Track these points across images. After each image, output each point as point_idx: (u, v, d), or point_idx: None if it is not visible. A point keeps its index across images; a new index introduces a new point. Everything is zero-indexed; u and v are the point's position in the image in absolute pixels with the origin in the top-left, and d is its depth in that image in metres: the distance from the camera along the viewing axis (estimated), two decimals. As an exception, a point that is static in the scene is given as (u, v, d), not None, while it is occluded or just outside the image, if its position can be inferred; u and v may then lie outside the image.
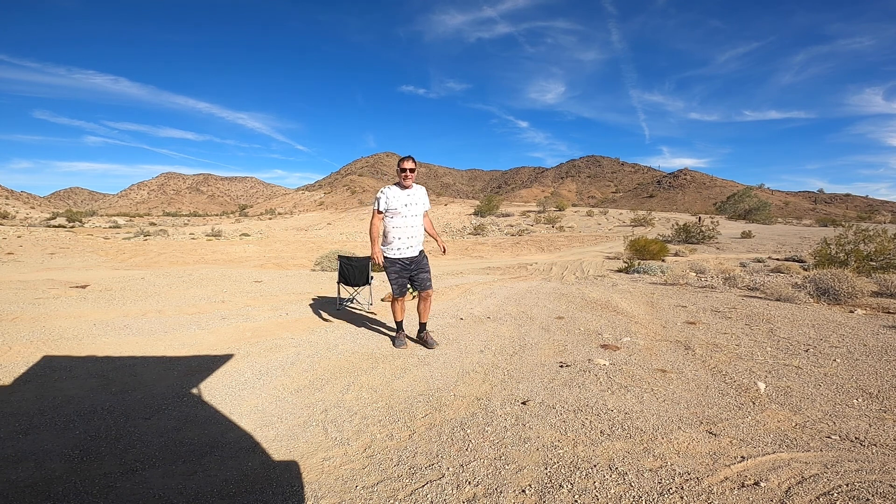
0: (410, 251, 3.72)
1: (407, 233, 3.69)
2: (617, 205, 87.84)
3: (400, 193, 3.68)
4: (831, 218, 50.87)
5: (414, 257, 3.75)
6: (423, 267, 3.79)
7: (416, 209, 3.72)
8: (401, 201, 3.66)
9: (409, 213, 3.67)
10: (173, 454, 2.12)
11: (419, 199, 3.74)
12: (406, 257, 3.72)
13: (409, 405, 2.65)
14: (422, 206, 3.76)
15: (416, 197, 3.72)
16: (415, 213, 3.71)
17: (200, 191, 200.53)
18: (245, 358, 3.57)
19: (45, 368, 3.21)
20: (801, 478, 1.79)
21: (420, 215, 3.76)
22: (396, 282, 3.76)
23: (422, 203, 3.76)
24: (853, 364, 3.22)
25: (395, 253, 3.70)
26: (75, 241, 19.31)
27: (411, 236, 3.70)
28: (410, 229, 3.70)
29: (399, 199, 3.66)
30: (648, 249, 15.16)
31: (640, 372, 3.12)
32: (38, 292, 6.14)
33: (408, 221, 3.68)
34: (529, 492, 1.77)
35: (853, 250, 8.52)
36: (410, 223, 3.70)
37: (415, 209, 3.71)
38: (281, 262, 14.28)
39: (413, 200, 3.70)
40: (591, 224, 35.88)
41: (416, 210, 3.72)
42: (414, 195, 3.71)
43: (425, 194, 3.82)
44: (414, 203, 3.70)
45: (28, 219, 46.02)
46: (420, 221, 3.78)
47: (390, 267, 3.73)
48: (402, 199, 3.67)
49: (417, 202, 3.72)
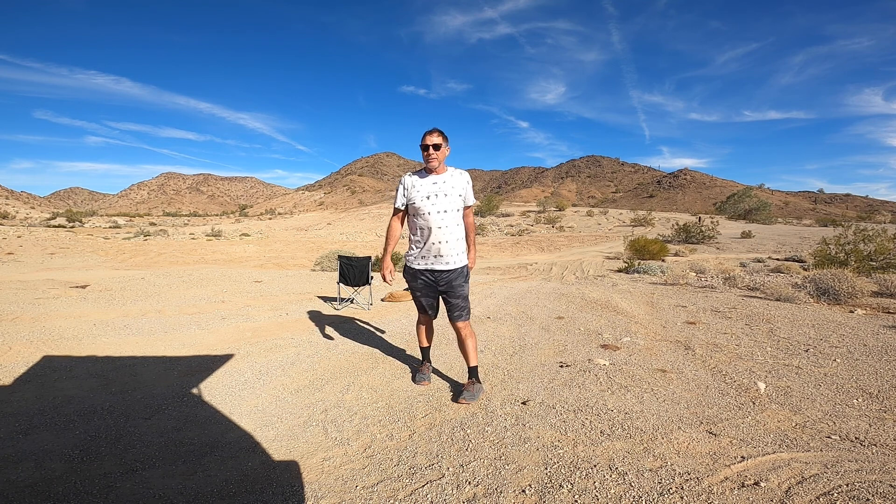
0: (439, 263, 2.69)
1: (431, 237, 2.66)
2: (617, 205, 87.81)
3: (422, 182, 2.70)
4: (831, 218, 50.88)
5: (444, 272, 2.70)
6: (456, 289, 2.71)
7: (446, 203, 2.65)
8: (422, 192, 2.67)
9: (432, 210, 2.64)
10: (173, 454, 2.12)
11: (451, 189, 2.67)
12: (432, 270, 2.72)
13: (409, 405, 2.65)
14: (455, 200, 2.68)
15: (446, 187, 2.66)
16: (443, 208, 2.65)
17: (200, 191, 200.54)
18: (245, 358, 3.57)
19: (45, 368, 3.21)
20: (802, 478, 1.79)
21: (453, 212, 2.67)
22: (418, 301, 2.88)
23: (455, 195, 2.67)
24: (853, 364, 3.22)
25: (417, 263, 2.76)
26: (75, 241, 19.31)
27: (439, 241, 2.65)
28: (437, 232, 2.64)
29: (420, 190, 2.68)
30: (648, 249, 15.17)
31: (640, 372, 3.12)
32: (38, 292, 6.14)
33: (432, 221, 2.64)
34: (529, 492, 1.77)
35: (853, 250, 8.52)
36: (436, 223, 2.64)
37: (443, 203, 2.64)
38: (281, 262, 14.29)
39: (441, 191, 2.66)
40: (591, 224, 35.88)
41: (446, 204, 2.65)
42: (443, 184, 2.67)
43: (465, 183, 2.72)
44: (442, 195, 2.65)
45: (28, 219, 46.02)
46: (453, 221, 2.68)
47: (412, 282, 2.84)
48: (424, 189, 2.68)
49: (447, 193, 2.65)
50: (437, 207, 2.65)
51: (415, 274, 2.79)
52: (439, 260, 2.68)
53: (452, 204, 2.66)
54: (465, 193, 2.73)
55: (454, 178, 2.70)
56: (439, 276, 2.72)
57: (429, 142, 2.61)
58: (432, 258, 2.69)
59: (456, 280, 2.71)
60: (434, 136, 2.62)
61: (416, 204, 2.68)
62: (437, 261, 2.69)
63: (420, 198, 2.67)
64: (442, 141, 2.63)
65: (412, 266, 2.78)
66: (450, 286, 2.72)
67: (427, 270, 2.73)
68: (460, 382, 2.97)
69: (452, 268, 2.70)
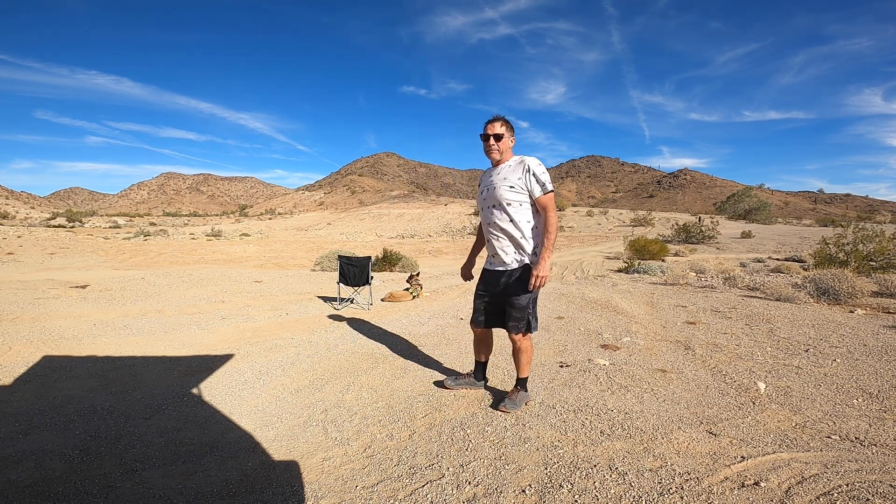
0: (493, 263, 2.50)
1: (486, 234, 2.51)
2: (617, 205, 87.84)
3: (486, 176, 2.52)
4: (831, 218, 50.91)
5: (497, 274, 2.47)
6: (511, 296, 2.42)
7: (494, 196, 2.37)
8: (482, 186, 2.52)
9: (484, 205, 2.47)
10: (173, 454, 2.12)
11: (502, 181, 2.36)
12: (490, 270, 2.52)
13: (409, 405, 2.65)
14: (505, 193, 2.34)
15: (498, 178, 2.38)
16: (491, 203, 2.41)
17: (200, 191, 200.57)
18: (245, 358, 3.56)
19: (45, 368, 3.21)
20: (801, 478, 1.79)
21: (504, 206, 2.36)
22: (474, 303, 2.65)
23: (504, 187, 2.34)
24: (853, 364, 3.22)
25: (485, 262, 2.61)
26: (75, 241, 19.31)
27: (492, 240, 2.46)
28: (489, 230, 2.45)
29: (482, 184, 2.53)
30: (648, 249, 15.16)
31: (640, 372, 3.12)
32: (38, 292, 6.14)
33: (484, 217, 2.47)
34: (529, 492, 1.77)
35: (853, 250, 8.52)
36: (485, 219, 2.46)
37: (495, 197, 2.37)
38: (281, 262, 14.29)
39: (491, 184, 2.41)
40: (591, 224, 35.89)
41: (497, 197, 2.36)
42: (496, 176, 2.40)
43: (521, 172, 2.34)
44: (492, 187, 2.39)
45: (28, 219, 46.03)
46: (506, 217, 2.37)
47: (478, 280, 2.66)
48: (483, 182, 2.51)
49: (496, 185, 2.37)
50: (487, 203, 2.44)
51: (481, 274, 2.62)
52: (494, 259, 2.49)
53: (501, 197, 2.34)
54: (526, 184, 2.32)
55: (510, 167, 2.38)
56: (493, 279, 2.49)
57: (488, 131, 2.39)
58: (490, 257, 2.53)
59: (511, 284, 2.41)
60: (495, 126, 2.38)
61: (477, 200, 2.58)
62: (492, 260, 2.50)
63: (479, 194, 2.55)
64: (504, 131, 2.38)
65: (483, 267, 2.64)
66: (504, 292, 2.45)
67: (486, 271, 2.57)
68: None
69: (505, 269, 2.43)
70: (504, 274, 2.43)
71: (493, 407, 2.55)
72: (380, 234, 34.80)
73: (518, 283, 2.40)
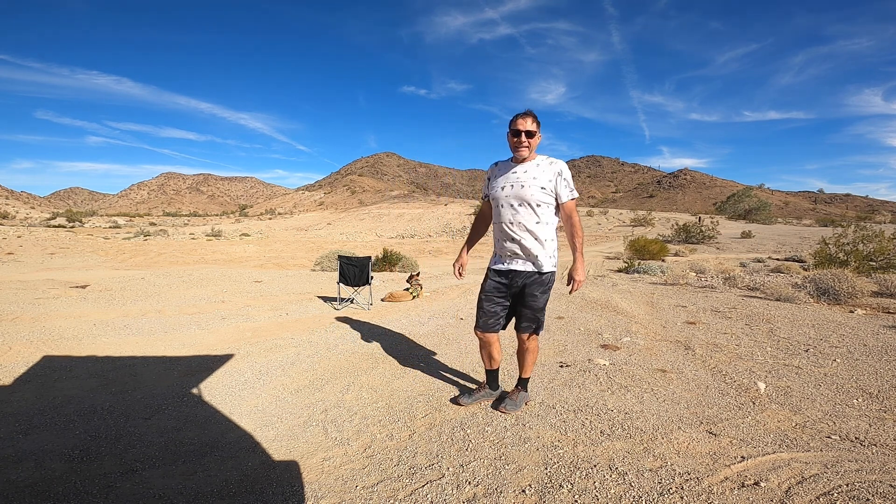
0: (516, 263, 2.38)
1: (505, 233, 2.38)
2: (617, 205, 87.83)
3: (504, 171, 2.41)
4: (831, 218, 50.92)
5: (518, 274, 2.38)
6: (529, 298, 2.37)
7: (527, 194, 2.30)
8: (500, 181, 2.39)
9: (506, 202, 2.36)
10: (173, 454, 2.12)
11: (531, 180, 2.31)
12: (507, 270, 2.41)
13: (409, 405, 2.65)
14: (535, 193, 2.30)
15: (527, 177, 2.32)
16: (518, 201, 2.33)
17: (200, 191, 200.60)
18: (245, 358, 3.56)
19: (45, 368, 3.21)
20: (801, 478, 1.79)
21: (532, 206, 2.31)
22: (481, 304, 2.49)
23: (535, 188, 2.30)
24: (853, 364, 3.22)
25: (493, 263, 2.49)
26: (75, 241, 19.31)
27: (514, 239, 2.35)
28: (511, 228, 2.35)
29: (500, 179, 2.40)
30: (648, 249, 15.16)
31: (640, 372, 3.12)
32: (38, 292, 6.14)
33: (505, 214, 2.36)
34: (529, 492, 1.77)
35: (853, 250, 8.52)
36: (511, 217, 2.35)
37: (523, 195, 2.31)
38: (281, 262, 14.29)
39: (519, 181, 2.33)
40: (591, 224, 35.89)
41: (524, 195, 2.30)
42: (524, 174, 2.34)
43: (553, 174, 2.32)
44: (519, 185, 2.32)
45: (28, 219, 46.03)
46: (533, 217, 2.33)
47: (484, 283, 2.52)
48: (504, 177, 2.39)
49: (525, 184, 2.31)
50: (510, 200, 2.34)
51: (488, 275, 2.49)
52: (512, 260, 2.38)
53: (532, 197, 2.29)
54: (556, 186, 2.32)
55: (540, 167, 2.33)
56: (512, 279, 2.39)
57: (521, 127, 2.27)
58: (507, 257, 2.40)
59: (532, 286, 2.35)
60: (528, 121, 2.28)
61: (493, 195, 2.42)
62: (515, 260, 2.38)
63: (497, 188, 2.39)
64: (536, 127, 2.30)
65: (490, 267, 2.49)
66: (523, 292, 2.37)
67: (500, 271, 2.43)
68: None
69: (529, 270, 2.35)
70: (523, 275, 2.37)
71: (493, 407, 2.55)
72: (380, 234, 34.81)
73: (539, 284, 2.35)
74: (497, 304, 2.46)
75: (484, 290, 2.49)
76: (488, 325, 2.48)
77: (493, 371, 2.64)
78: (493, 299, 2.45)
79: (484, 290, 2.49)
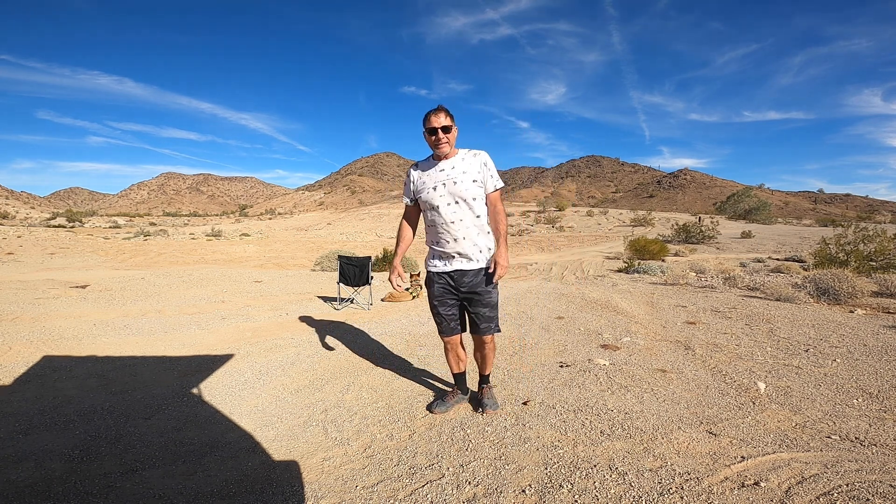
0: (457, 262, 2.32)
1: (446, 234, 2.30)
2: (617, 205, 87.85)
3: (429, 171, 2.33)
4: (831, 218, 50.92)
5: (465, 273, 2.33)
6: (482, 295, 2.33)
7: (462, 189, 2.24)
8: (429, 183, 2.31)
9: (441, 202, 2.27)
10: (173, 454, 2.12)
11: (462, 175, 2.26)
12: (450, 271, 2.35)
13: (409, 405, 2.65)
14: (469, 188, 2.25)
15: (456, 173, 2.26)
16: (454, 199, 2.26)
17: (200, 191, 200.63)
18: (245, 358, 3.57)
19: (45, 368, 3.21)
20: (801, 478, 1.79)
21: (468, 202, 2.27)
22: (436, 309, 2.43)
23: (467, 182, 2.25)
24: (853, 364, 3.22)
25: (433, 266, 2.41)
26: (75, 241, 19.31)
27: (455, 238, 2.28)
28: (451, 227, 2.28)
29: (427, 181, 2.32)
30: (648, 249, 15.16)
31: (640, 372, 3.12)
32: (38, 292, 6.14)
33: (444, 214, 2.27)
34: (529, 492, 1.77)
35: (853, 250, 8.52)
36: (450, 216, 2.27)
37: (458, 192, 2.25)
38: (281, 262, 14.29)
39: (450, 178, 2.26)
40: (591, 224, 35.89)
41: (458, 192, 2.25)
42: (452, 170, 2.27)
43: (480, 165, 2.29)
44: (451, 182, 2.25)
45: (28, 219, 46.03)
46: (470, 213, 2.28)
47: (429, 288, 2.45)
48: (431, 178, 2.31)
49: (457, 180, 2.25)
50: (445, 199, 2.26)
51: (432, 279, 2.42)
52: (459, 259, 2.32)
53: (466, 192, 2.25)
54: (484, 177, 2.29)
55: (466, 161, 2.28)
56: (459, 279, 2.33)
57: (436, 124, 2.21)
58: (448, 258, 2.34)
59: (479, 283, 2.32)
60: (441, 117, 2.21)
61: (424, 197, 2.31)
62: (456, 261, 2.32)
63: (427, 189, 2.30)
64: (451, 121, 2.24)
65: (430, 270, 2.43)
66: (473, 291, 2.33)
67: (444, 273, 2.36)
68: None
69: (476, 267, 2.31)
70: (469, 273, 2.32)
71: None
72: (380, 234, 34.79)
73: (487, 279, 2.33)
74: (452, 305, 2.42)
75: (434, 295, 2.42)
76: (451, 328, 2.46)
77: (462, 374, 2.62)
78: (447, 302, 2.41)
79: (434, 295, 2.42)
